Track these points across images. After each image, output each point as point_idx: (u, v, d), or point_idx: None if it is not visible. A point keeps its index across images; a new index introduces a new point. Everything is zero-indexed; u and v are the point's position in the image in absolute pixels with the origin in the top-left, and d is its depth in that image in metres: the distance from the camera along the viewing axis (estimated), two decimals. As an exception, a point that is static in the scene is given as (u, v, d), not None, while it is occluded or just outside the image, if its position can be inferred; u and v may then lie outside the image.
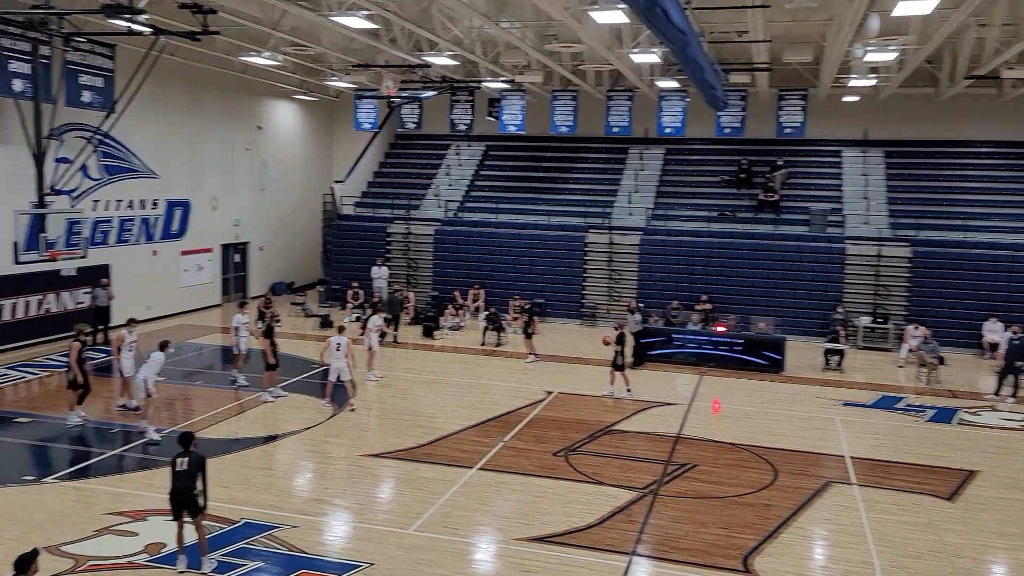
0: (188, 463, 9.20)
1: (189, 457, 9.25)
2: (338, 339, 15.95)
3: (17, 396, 16.22)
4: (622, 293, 26.01)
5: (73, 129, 20.20)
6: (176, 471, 9.18)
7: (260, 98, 29.10)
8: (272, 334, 16.39)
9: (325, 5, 16.55)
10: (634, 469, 13.07)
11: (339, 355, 15.79)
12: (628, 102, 25.46)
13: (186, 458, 9.24)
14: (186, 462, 9.20)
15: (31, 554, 6.90)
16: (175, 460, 9.27)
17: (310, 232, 32.28)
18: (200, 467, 9.24)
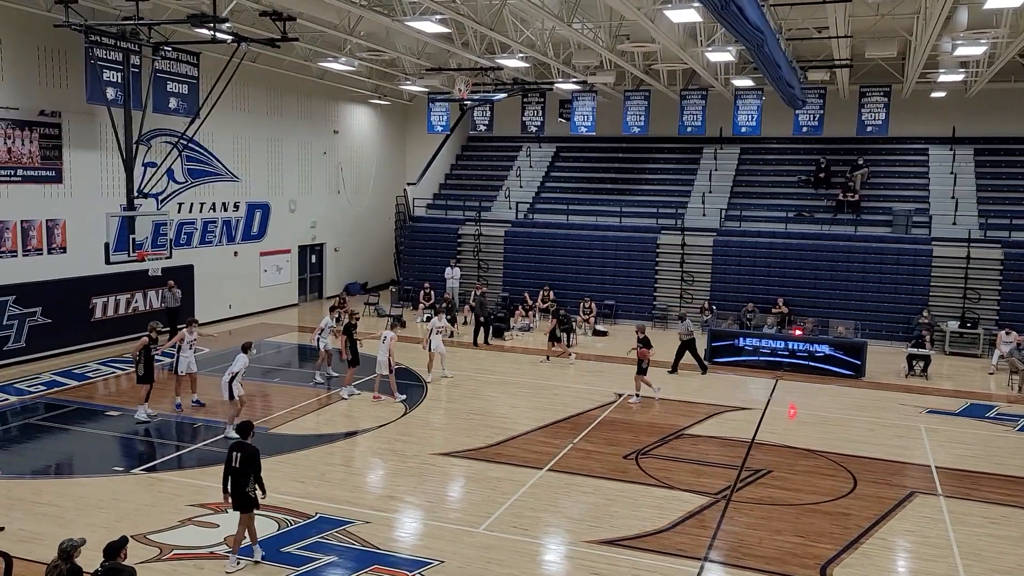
0: (241, 459, 9.31)
1: (243, 452, 9.35)
2: (385, 333, 16.54)
3: (107, 391, 16.95)
4: (694, 295, 25.63)
5: (160, 135, 21.03)
6: (231, 466, 9.34)
7: (336, 102, 29.74)
8: (351, 332, 16.73)
9: (399, 10, 16.82)
10: (706, 474, 12.86)
11: (382, 348, 16.34)
12: (702, 101, 25.08)
13: (240, 453, 9.35)
14: (239, 458, 9.31)
15: (120, 542, 7.19)
16: (231, 454, 9.40)
17: (383, 234, 32.83)
18: (253, 462, 9.36)
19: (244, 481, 9.29)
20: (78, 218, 19.37)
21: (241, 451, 9.40)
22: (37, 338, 18.54)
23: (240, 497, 9.30)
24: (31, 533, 9.96)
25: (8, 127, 17.78)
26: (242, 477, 9.29)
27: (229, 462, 9.38)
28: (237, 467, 9.30)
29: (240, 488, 9.28)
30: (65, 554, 6.88)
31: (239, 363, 13.89)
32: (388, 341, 16.44)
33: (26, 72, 18.11)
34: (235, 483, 9.31)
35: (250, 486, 9.32)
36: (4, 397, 15.87)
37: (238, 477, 9.29)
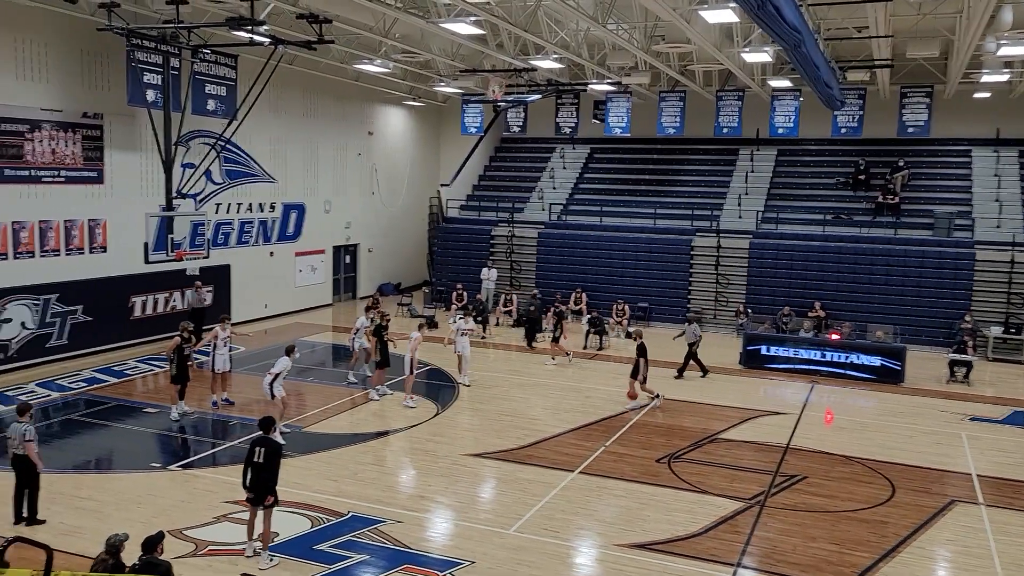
0: (264, 454, 9.34)
1: (265, 447, 9.39)
2: (412, 333, 16.54)
3: (146, 388, 17.24)
4: (729, 298, 25.39)
5: (198, 136, 21.35)
6: (253, 461, 9.35)
7: (371, 104, 29.96)
8: (381, 333, 16.82)
9: (434, 12, 16.89)
10: (740, 479, 12.71)
11: (408, 348, 16.40)
12: (738, 102, 24.84)
13: (263, 448, 9.39)
14: (263, 453, 9.34)
15: (157, 536, 7.31)
16: (254, 448, 9.41)
17: (417, 234, 32.99)
18: (276, 456, 9.42)
19: (268, 476, 9.35)
20: (118, 218, 19.73)
21: (264, 446, 9.44)
22: (78, 335, 18.92)
23: (264, 492, 9.35)
24: (71, 526, 10.16)
25: (52, 129, 18.18)
26: (265, 472, 9.34)
27: (251, 457, 9.40)
28: (261, 462, 9.34)
29: (264, 482, 9.33)
30: (112, 549, 7.02)
31: (280, 365, 13.91)
32: (413, 341, 16.47)
33: (70, 75, 18.50)
34: (258, 477, 9.34)
35: (272, 481, 9.36)
36: (47, 393, 16.20)
37: (261, 471, 9.34)
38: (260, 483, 9.34)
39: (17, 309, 17.54)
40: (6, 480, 10.68)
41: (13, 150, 17.37)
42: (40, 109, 17.86)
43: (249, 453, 9.49)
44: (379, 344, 16.66)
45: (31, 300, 17.83)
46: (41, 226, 18.16)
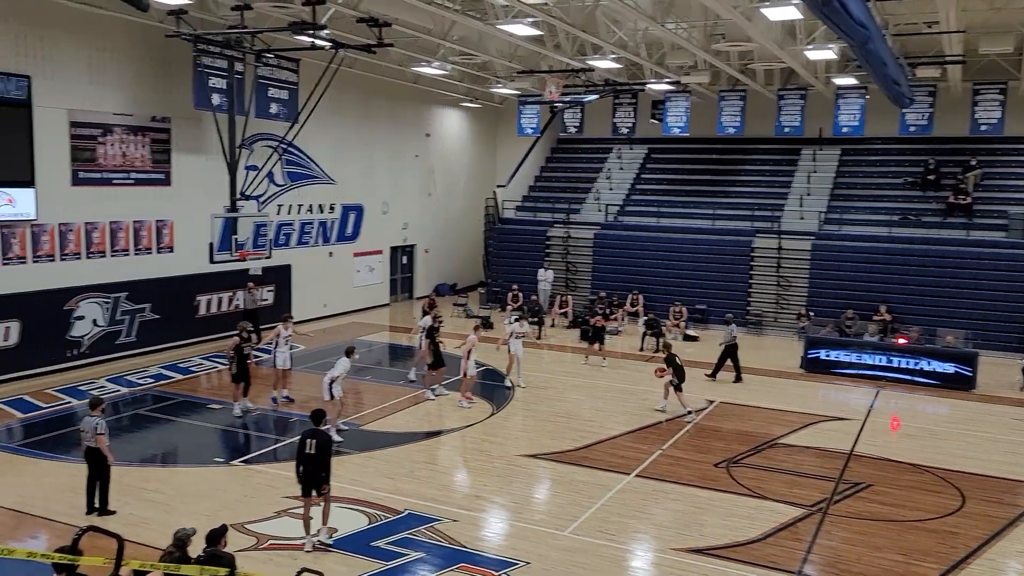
0: (316, 446, 9.61)
1: (316, 439, 9.66)
2: (470, 336, 16.59)
3: (210, 384, 17.68)
4: (790, 300, 24.88)
5: (261, 139, 21.82)
6: (305, 453, 9.61)
7: (428, 106, 30.22)
8: (434, 335, 16.93)
9: (492, 14, 16.95)
10: (801, 485, 12.43)
11: (463, 350, 16.44)
12: (801, 101, 24.35)
13: (314, 440, 9.65)
14: (314, 444, 9.61)
15: (221, 530, 7.48)
16: (305, 441, 9.68)
17: (473, 235, 33.15)
18: (327, 448, 9.73)
19: (319, 467, 9.61)
20: (184, 219, 20.29)
21: (315, 438, 9.70)
22: (146, 333, 19.51)
23: (316, 483, 9.61)
24: (139, 518, 10.47)
25: (123, 132, 18.78)
26: (316, 463, 9.60)
27: (303, 448, 9.66)
28: (312, 453, 9.59)
29: (314, 474, 9.59)
30: (180, 542, 7.22)
31: (340, 367, 13.99)
32: (469, 343, 16.50)
33: (140, 80, 19.10)
34: (307, 469, 9.59)
35: (324, 470, 9.64)
36: (116, 389, 16.74)
37: (312, 463, 9.59)
38: (311, 475, 9.60)
39: (89, 307, 18.18)
40: (80, 471, 11.06)
41: (87, 153, 18.01)
42: (112, 113, 18.48)
43: (300, 445, 9.74)
44: (432, 345, 16.78)
45: (102, 298, 18.45)
46: (112, 227, 18.79)
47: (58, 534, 9.82)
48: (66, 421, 14.46)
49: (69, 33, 17.33)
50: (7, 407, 15.17)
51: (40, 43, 16.86)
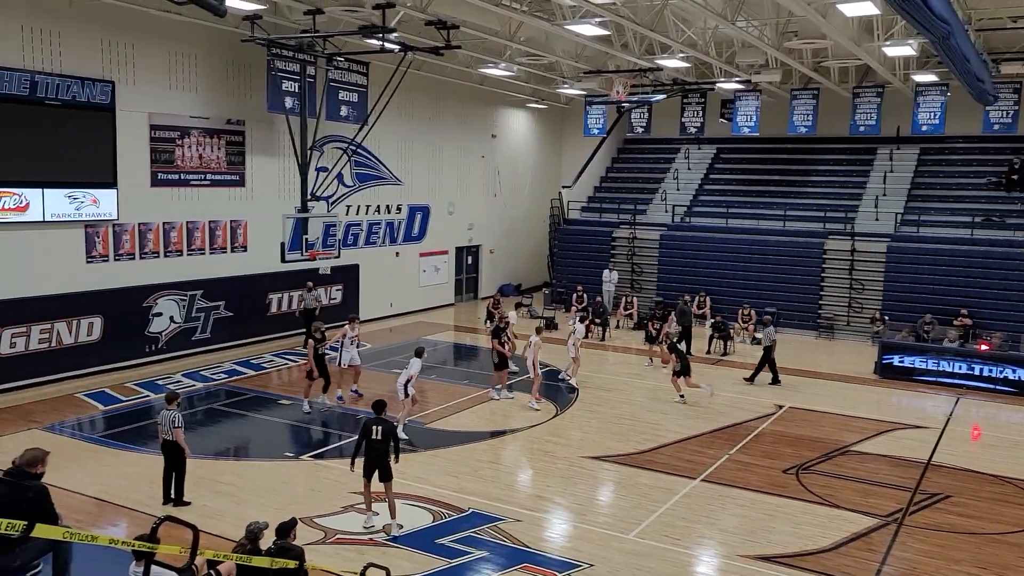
0: (382, 432, 10.17)
1: (382, 426, 10.23)
2: (532, 338, 16.68)
3: (280, 381, 18.10)
4: (864, 304, 24.16)
5: (331, 141, 22.24)
6: (372, 439, 10.17)
7: (495, 107, 30.35)
8: (500, 335, 16.99)
9: (559, 14, 16.92)
10: (875, 494, 12.05)
11: (530, 352, 16.55)
12: (877, 99, 23.63)
13: (380, 426, 10.21)
14: (380, 431, 10.17)
15: (290, 523, 7.65)
16: (370, 428, 10.22)
17: (537, 236, 33.16)
18: (392, 435, 10.35)
19: (386, 453, 10.18)
20: (257, 219, 20.83)
21: (381, 424, 10.25)
22: (220, 329, 20.09)
23: (383, 465, 10.16)
24: (213, 509, 10.78)
25: (200, 135, 19.38)
26: (383, 449, 10.16)
27: (368, 435, 10.20)
28: (380, 439, 10.16)
29: (382, 460, 10.16)
30: (252, 535, 7.42)
31: (414, 367, 14.20)
32: (533, 346, 16.52)
33: (216, 84, 19.68)
34: (378, 455, 10.15)
35: (388, 455, 10.22)
36: (191, 383, 17.28)
37: (374, 449, 10.15)
38: (378, 460, 10.16)
39: (166, 304, 18.81)
40: (156, 463, 11.45)
41: (166, 155, 18.64)
42: (189, 116, 19.09)
43: (365, 430, 10.28)
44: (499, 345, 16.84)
45: (179, 296, 19.07)
46: (188, 226, 19.40)
47: (136, 522, 10.19)
48: (144, 414, 14.99)
49: (150, 39, 17.97)
50: (90, 399, 15.81)
51: (123, 50, 17.54)
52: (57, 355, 16.74)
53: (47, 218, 16.40)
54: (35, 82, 15.82)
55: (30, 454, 6.38)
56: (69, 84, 16.38)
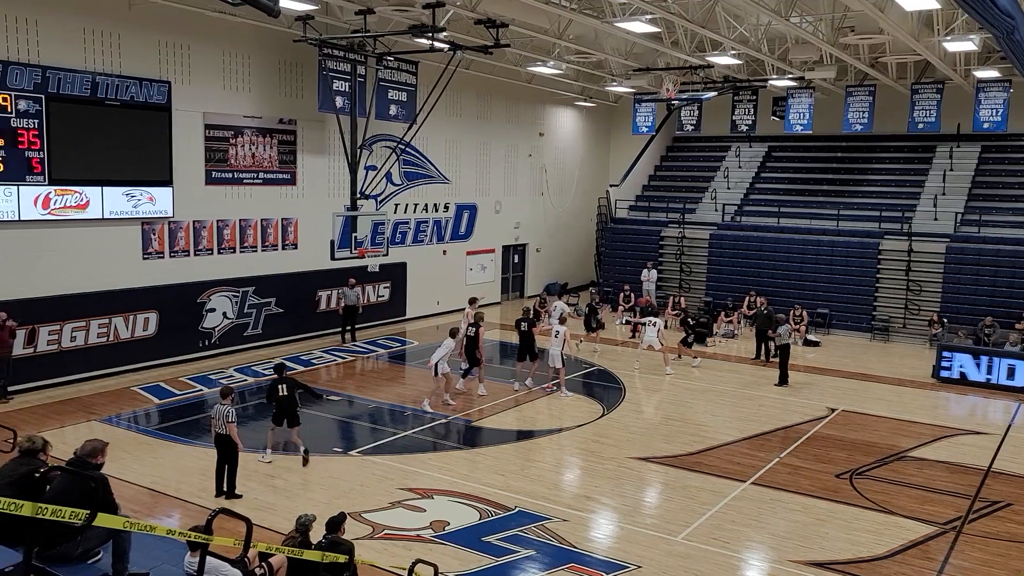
0: (286, 388, 12.54)
1: (285, 383, 12.60)
2: (557, 328, 16.93)
3: (329, 377, 18.32)
4: (921, 306, 23.53)
5: (380, 140, 22.44)
6: (278, 395, 12.47)
7: (543, 106, 30.29)
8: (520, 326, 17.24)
9: (609, 12, 16.80)
10: (932, 501, 11.73)
11: (556, 342, 16.74)
12: (936, 95, 22.99)
13: (283, 384, 12.56)
14: (284, 388, 12.52)
15: (340, 517, 7.72)
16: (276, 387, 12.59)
17: (584, 235, 33.01)
18: (295, 386, 12.77)
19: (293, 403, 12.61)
20: (308, 217, 21.11)
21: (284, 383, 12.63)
22: (271, 326, 20.41)
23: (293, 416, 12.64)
24: (264, 503, 10.95)
25: (252, 134, 19.71)
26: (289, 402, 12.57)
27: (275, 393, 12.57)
28: (285, 395, 12.45)
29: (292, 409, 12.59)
30: (303, 528, 7.52)
31: (445, 347, 15.22)
32: (562, 335, 16.70)
33: (268, 84, 20.00)
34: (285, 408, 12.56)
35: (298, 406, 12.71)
36: (243, 378, 17.59)
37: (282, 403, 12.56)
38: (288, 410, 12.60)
39: (220, 300, 19.18)
40: (209, 456, 11.68)
41: (219, 154, 19.00)
42: (242, 116, 19.42)
43: (272, 390, 12.65)
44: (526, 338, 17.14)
45: (231, 292, 19.43)
46: (241, 224, 19.75)
47: (190, 514, 10.40)
48: (198, 408, 15.31)
49: (205, 40, 18.33)
50: (145, 393, 16.20)
51: (179, 51, 17.92)
52: (114, 349, 17.18)
53: (106, 216, 16.84)
54: (96, 83, 16.26)
55: (90, 445, 6.54)
56: (128, 84, 16.79)
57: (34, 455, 6.74)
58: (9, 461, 6.86)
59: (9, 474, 6.40)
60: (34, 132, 15.37)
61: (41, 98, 15.40)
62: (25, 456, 6.74)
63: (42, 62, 15.46)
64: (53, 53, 15.66)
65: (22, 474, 6.34)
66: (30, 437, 6.89)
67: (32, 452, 6.75)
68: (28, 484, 6.23)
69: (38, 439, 6.86)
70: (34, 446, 6.76)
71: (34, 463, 6.61)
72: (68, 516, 5.12)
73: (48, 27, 15.58)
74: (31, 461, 6.66)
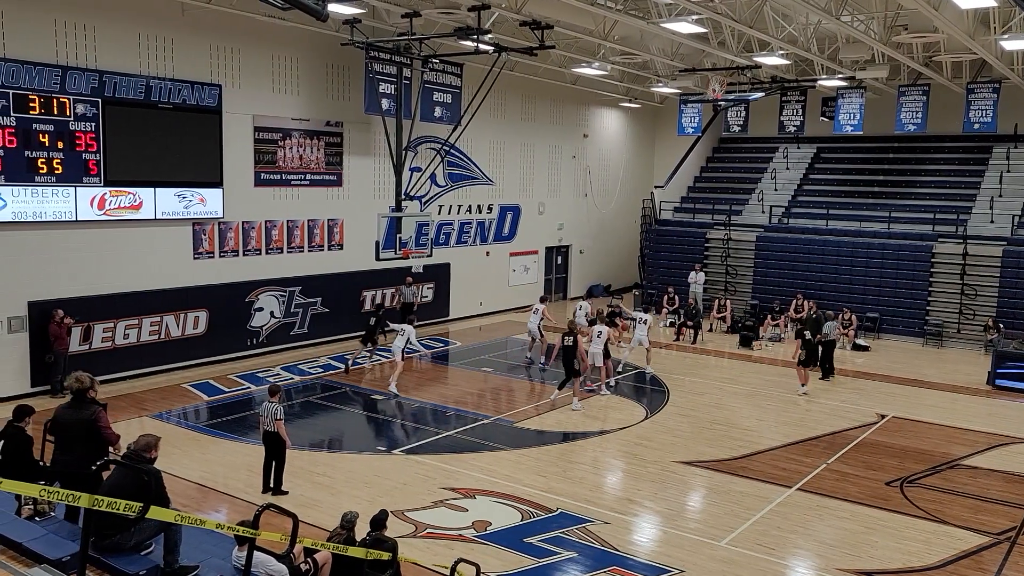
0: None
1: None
2: (599, 328, 16.81)
3: (372, 376, 18.50)
4: (976, 311, 22.91)
5: (425, 141, 22.59)
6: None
7: (587, 107, 30.21)
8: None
9: (655, 13, 16.69)
10: (986, 511, 11.41)
11: (598, 342, 16.64)
12: (993, 95, 22.37)
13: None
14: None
15: (382, 515, 7.80)
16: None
17: (628, 237, 32.82)
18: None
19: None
20: (353, 218, 21.35)
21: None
22: (317, 325, 20.69)
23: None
24: (309, 499, 11.10)
25: (300, 136, 20.01)
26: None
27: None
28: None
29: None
30: (348, 524, 7.62)
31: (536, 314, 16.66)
32: (603, 335, 16.68)
33: (316, 87, 20.28)
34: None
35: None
36: (289, 377, 17.85)
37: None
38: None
39: (267, 299, 19.50)
40: (255, 452, 11.88)
41: (268, 156, 19.32)
42: (291, 119, 19.73)
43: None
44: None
45: (279, 292, 19.74)
46: (288, 225, 20.05)
47: (237, 508, 10.60)
48: (245, 405, 15.59)
49: (255, 44, 18.66)
50: (195, 390, 16.54)
51: (230, 54, 18.27)
52: (166, 347, 17.58)
53: (158, 216, 17.24)
54: (150, 86, 16.66)
55: (144, 440, 6.70)
56: (180, 88, 17.18)
57: (84, 394, 7.19)
58: (63, 406, 7.37)
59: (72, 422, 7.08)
60: (91, 135, 15.81)
61: (98, 102, 15.83)
62: (77, 397, 7.19)
63: (99, 67, 15.90)
64: (109, 58, 16.10)
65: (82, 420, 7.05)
66: (77, 377, 7.23)
67: (82, 392, 7.18)
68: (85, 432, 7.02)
69: (85, 378, 7.22)
70: (83, 386, 7.17)
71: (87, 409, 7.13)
72: (123, 508, 5.26)
73: (105, 32, 16.02)
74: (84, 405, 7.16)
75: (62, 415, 7.24)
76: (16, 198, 14.92)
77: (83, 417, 7.08)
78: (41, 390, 15.46)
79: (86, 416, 7.10)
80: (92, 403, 7.27)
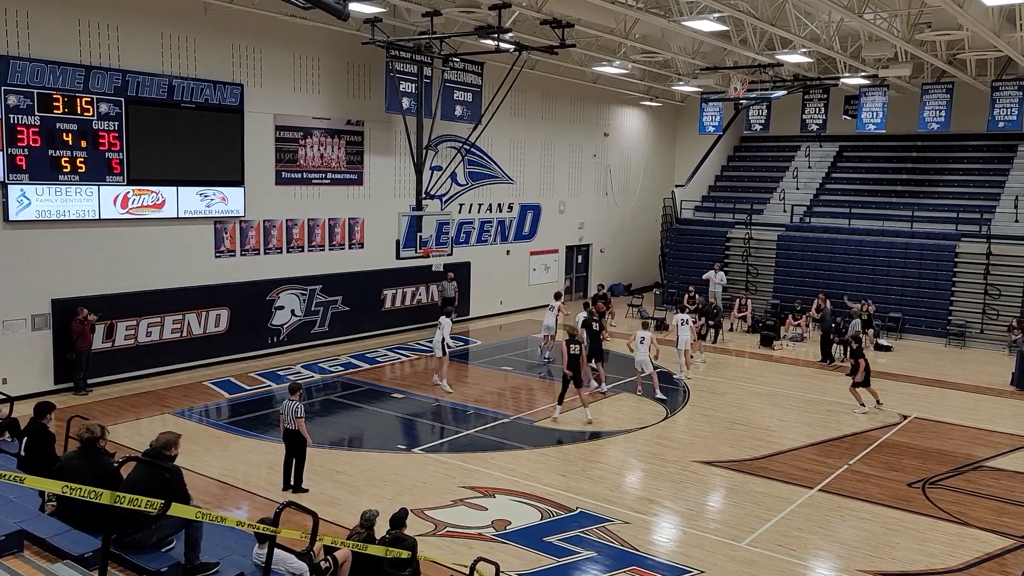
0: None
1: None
2: (642, 333, 16.73)
3: (393, 375, 18.56)
4: (1000, 311, 22.61)
5: (446, 140, 22.63)
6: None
7: (608, 106, 30.12)
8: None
9: (676, 11, 16.60)
10: (1011, 513, 11.27)
11: (642, 348, 16.59)
12: (1019, 93, 22.04)
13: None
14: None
15: (402, 513, 7.83)
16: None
17: (649, 236, 32.70)
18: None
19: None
20: (374, 217, 21.43)
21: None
22: (337, 323, 20.79)
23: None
24: (330, 497, 11.16)
25: (321, 135, 20.11)
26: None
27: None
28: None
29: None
30: (368, 523, 7.66)
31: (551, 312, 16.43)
32: (647, 341, 16.62)
33: (337, 86, 20.37)
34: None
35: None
36: (310, 375, 17.95)
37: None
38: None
39: (288, 298, 19.62)
40: (276, 450, 11.95)
41: (289, 155, 19.44)
42: (312, 118, 19.83)
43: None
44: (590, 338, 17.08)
45: (299, 290, 19.86)
46: (309, 223, 20.16)
47: (257, 506, 10.67)
48: (266, 403, 15.70)
49: (276, 43, 18.77)
50: (216, 387, 16.68)
51: (251, 54, 18.39)
52: (187, 344, 17.74)
53: (180, 215, 17.38)
54: (172, 86, 16.82)
55: (164, 437, 6.77)
56: (202, 87, 17.32)
57: (94, 444, 6.71)
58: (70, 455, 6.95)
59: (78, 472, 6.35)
60: (114, 134, 15.98)
61: (121, 101, 16.00)
62: (86, 447, 6.69)
63: (122, 66, 16.06)
64: (132, 57, 16.26)
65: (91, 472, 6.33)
66: (88, 427, 6.81)
67: (92, 442, 6.70)
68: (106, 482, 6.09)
69: (96, 427, 6.81)
70: (93, 435, 6.72)
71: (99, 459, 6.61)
72: (144, 505, 5.31)
73: (128, 32, 16.18)
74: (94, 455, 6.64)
75: (69, 464, 6.76)
76: (40, 196, 15.11)
77: (92, 471, 6.45)
78: (65, 387, 15.65)
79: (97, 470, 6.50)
80: (104, 454, 6.86)
